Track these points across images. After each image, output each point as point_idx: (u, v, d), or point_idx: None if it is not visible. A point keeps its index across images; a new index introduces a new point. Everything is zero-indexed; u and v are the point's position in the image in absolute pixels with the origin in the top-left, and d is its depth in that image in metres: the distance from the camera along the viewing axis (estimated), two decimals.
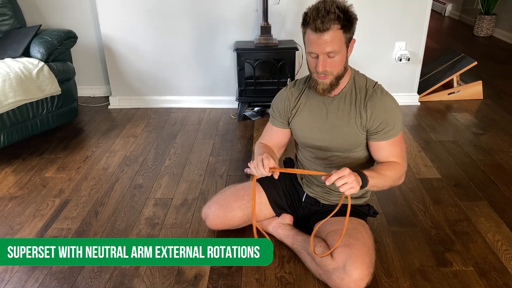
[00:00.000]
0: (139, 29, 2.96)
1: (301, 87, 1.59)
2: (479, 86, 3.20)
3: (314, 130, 1.55)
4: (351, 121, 1.49)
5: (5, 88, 2.25)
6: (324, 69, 1.37)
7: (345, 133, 1.51)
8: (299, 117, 1.57)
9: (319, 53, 1.35)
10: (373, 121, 1.46)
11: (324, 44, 1.33)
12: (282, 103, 1.61)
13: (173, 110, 3.14)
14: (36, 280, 1.58)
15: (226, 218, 1.70)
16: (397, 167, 1.49)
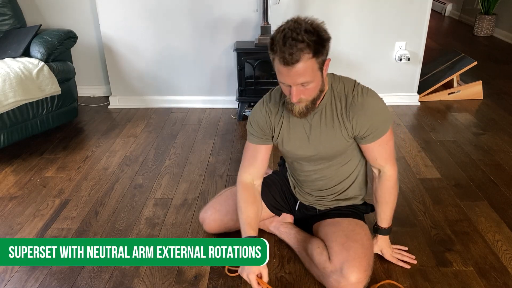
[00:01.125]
0: (139, 29, 2.96)
1: (278, 101, 1.49)
2: (479, 86, 3.20)
3: (300, 146, 1.50)
4: (337, 133, 1.44)
5: (5, 88, 2.25)
6: (298, 98, 1.29)
7: (332, 145, 1.46)
8: (282, 135, 1.50)
9: (291, 84, 1.26)
10: (360, 129, 1.41)
11: (296, 76, 1.23)
12: (263, 120, 1.50)
13: (173, 110, 3.14)
14: (36, 280, 1.58)
15: (223, 222, 1.70)
16: (389, 187, 1.51)
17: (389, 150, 1.48)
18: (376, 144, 1.44)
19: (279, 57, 1.21)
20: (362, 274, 1.38)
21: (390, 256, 1.62)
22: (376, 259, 1.64)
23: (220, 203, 1.72)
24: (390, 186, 1.52)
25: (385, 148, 1.46)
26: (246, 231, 1.46)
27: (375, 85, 3.19)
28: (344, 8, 2.86)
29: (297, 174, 1.63)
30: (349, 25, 2.91)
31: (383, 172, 1.51)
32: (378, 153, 1.47)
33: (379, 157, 1.48)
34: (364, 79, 3.20)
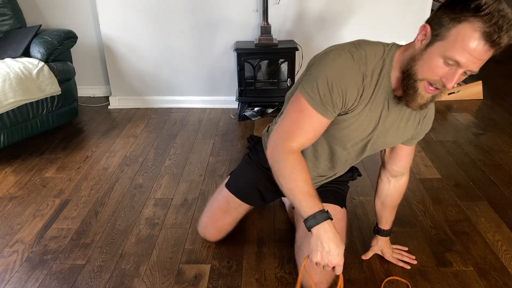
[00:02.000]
0: (139, 29, 2.96)
1: (372, 71, 1.15)
2: (479, 86, 3.20)
3: (362, 131, 1.26)
4: (407, 129, 1.29)
5: (5, 88, 2.25)
6: (451, 87, 1.02)
7: (392, 141, 1.32)
8: (357, 113, 1.20)
9: (464, 66, 0.98)
10: (423, 131, 1.35)
11: (479, 61, 0.97)
12: (349, 88, 1.13)
13: (173, 110, 3.14)
14: (36, 280, 1.58)
15: (224, 233, 1.70)
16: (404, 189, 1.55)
17: (412, 157, 1.48)
18: (412, 148, 1.42)
19: (488, 29, 0.92)
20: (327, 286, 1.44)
21: (390, 257, 1.62)
22: (376, 259, 1.64)
23: (218, 219, 1.67)
24: (403, 192, 1.55)
25: (413, 154, 1.46)
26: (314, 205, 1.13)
27: None
28: (344, 8, 2.86)
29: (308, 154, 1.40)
30: (349, 25, 2.91)
31: (401, 179, 1.52)
32: (410, 157, 1.44)
33: (409, 161, 1.45)
34: None
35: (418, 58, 1.04)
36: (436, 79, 1.03)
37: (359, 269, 1.59)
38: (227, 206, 1.64)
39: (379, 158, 1.57)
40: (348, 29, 2.91)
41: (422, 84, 1.06)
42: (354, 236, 1.77)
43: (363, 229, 1.81)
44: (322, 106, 1.14)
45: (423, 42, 1.03)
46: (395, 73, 1.13)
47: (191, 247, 1.73)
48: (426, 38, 1.03)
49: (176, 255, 1.69)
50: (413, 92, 1.07)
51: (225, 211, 1.65)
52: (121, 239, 1.79)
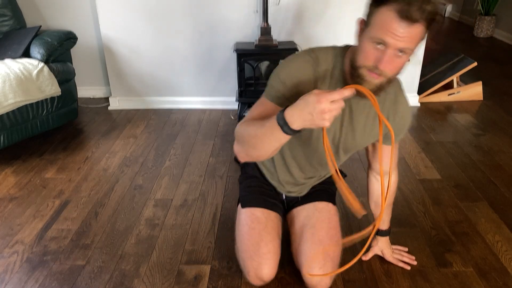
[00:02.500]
0: (139, 29, 2.97)
1: (324, 70, 1.23)
2: (479, 87, 3.20)
3: (330, 130, 1.31)
4: (375, 127, 1.33)
5: (5, 89, 2.26)
6: (385, 68, 1.07)
7: (363, 139, 1.35)
8: None
9: (391, 45, 1.03)
10: (398, 129, 1.35)
11: (404, 37, 1.02)
12: (302, 83, 1.20)
13: (173, 111, 3.14)
14: (36, 280, 1.58)
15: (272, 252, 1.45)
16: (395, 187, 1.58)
17: (397, 155, 1.53)
18: (394, 147, 1.38)
19: (397, 7, 1.00)
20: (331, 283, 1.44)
21: (390, 257, 1.62)
22: (376, 259, 1.64)
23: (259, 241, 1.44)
24: (394, 190, 1.58)
25: (396, 153, 1.46)
26: (267, 120, 1.11)
27: None
28: (344, 8, 2.86)
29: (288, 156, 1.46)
30: (349, 25, 2.91)
31: (387, 176, 1.49)
32: (394, 156, 1.40)
33: (392, 161, 1.42)
34: None
35: (356, 48, 1.14)
36: (371, 64, 1.08)
37: (359, 270, 1.60)
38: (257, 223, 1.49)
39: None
40: (348, 29, 2.91)
41: (364, 71, 1.11)
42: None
43: (363, 229, 1.81)
44: (277, 97, 1.21)
45: (358, 36, 1.14)
46: (348, 70, 1.19)
47: (191, 247, 1.73)
48: (360, 31, 1.14)
49: (176, 255, 1.69)
50: (360, 80, 1.12)
51: (259, 229, 1.47)
52: (121, 239, 1.79)
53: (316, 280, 1.39)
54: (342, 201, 2.01)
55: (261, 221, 1.49)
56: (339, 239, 1.49)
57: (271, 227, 1.49)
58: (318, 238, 1.44)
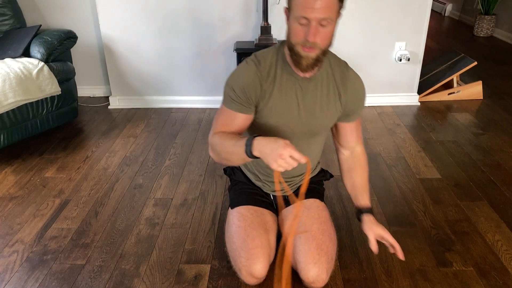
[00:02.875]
0: (139, 29, 2.96)
1: (269, 65, 1.37)
2: (479, 86, 3.20)
3: (288, 116, 1.41)
4: (331, 104, 1.41)
5: (5, 88, 2.26)
6: (314, 40, 1.20)
7: (324, 116, 1.43)
8: (270, 103, 1.38)
9: (312, 19, 1.18)
10: (352, 102, 1.44)
11: (320, 9, 1.16)
12: (250, 86, 1.35)
13: (173, 110, 3.14)
14: (36, 280, 1.58)
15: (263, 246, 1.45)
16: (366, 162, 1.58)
17: (361, 130, 1.58)
18: (356, 124, 1.52)
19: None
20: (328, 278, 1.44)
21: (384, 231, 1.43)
22: (376, 259, 1.64)
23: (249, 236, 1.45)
24: (365, 161, 1.58)
25: (360, 129, 1.56)
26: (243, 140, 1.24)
27: (375, 85, 3.21)
28: (344, 8, 2.86)
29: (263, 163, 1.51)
30: (349, 25, 2.91)
31: (355, 150, 1.57)
32: (356, 133, 1.54)
33: (356, 137, 1.55)
34: (364, 79, 3.20)
35: (288, 32, 1.29)
36: (301, 39, 1.23)
37: (359, 269, 1.60)
38: (243, 221, 1.51)
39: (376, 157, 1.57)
40: (348, 29, 2.91)
41: (299, 48, 1.25)
42: (354, 236, 1.78)
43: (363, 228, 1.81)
44: (233, 103, 1.37)
45: (287, 22, 1.28)
46: (287, 53, 1.34)
47: (191, 247, 1.73)
48: (287, 18, 1.28)
49: (176, 255, 1.69)
50: (298, 57, 1.27)
51: (245, 226, 1.49)
52: (121, 239, 1.79)
53: (313, 277, 1.40)
54: (342, 201, 2.01)
55: (247, 218, 1.51)
56: (331, 234, 1.50)
57: (257, 222, 1.50)
58: (310, 234, 1.45)
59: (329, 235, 1.48)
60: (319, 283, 1.41)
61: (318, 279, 1.40)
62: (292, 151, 1.13)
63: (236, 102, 1.36)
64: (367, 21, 2.90)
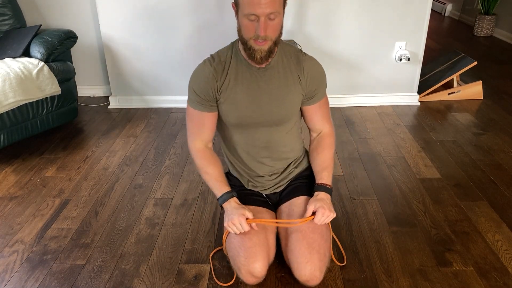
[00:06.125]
0: (139, 29, 2.96)
1: (224, 60, 1.46)
2: (479, 86, 3.20)
3: (250, 106, 1.46)
4: (291, 87, 1.47)
5: (5, 88, 2.26)
6: (265, 33, 1.29)
7: (287, 102, 1.48)
8: (230, 96, 1.45)
9: (260, 14, 1.27)
10: (311, 83, 1.48)
11: (267, 4, 1.25)
12: (207, 84, 1.44)
13: (173, 110, 3.14)
14: (36, 280, 1.58)
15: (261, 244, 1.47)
16: (330, 142, 1.60)
17: (328, 110, 1.61)
18: (321, 104, 1.56)
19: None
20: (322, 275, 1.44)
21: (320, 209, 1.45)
22: (376, 259, 1.64)
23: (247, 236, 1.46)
24: (330, 140, 1.61)
25: (326, 108, 1.59)
26: (222, 188, 1.51)
27: (375, 85, 3.21)
28: (344, 8, 2.86)
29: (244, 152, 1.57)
30: (349, 25, 2.91)
31: (322, 131, 1.61)
32: (322, 113, 1.58)
33: (323, 117, 1.58)
34: (364, 79, 3.21)
35: (239, 28, 1.36)
36: (253, 34, 1.31)
37: (359, 269, 1.60)
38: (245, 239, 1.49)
39: (376, 157, 1.57)
40: (348, 29, 2.91)
41: (252, 42, 1.34)
42: (354, 236, 1.78)
43: (363, 229, 1.82)
44: (197, 104, 1.48)
45: (236, 17, 1.36)
46: (241, 48, 1.42)
47: (191, 247, 1.73)
48: (236, 13, 1.35)
49: (176, 255, 1.69)
50: (252, 51, 1.35)
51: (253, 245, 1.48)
52: (121, 239, 1.79)
53: (307, 276, 1.41)
54: (342, 201, 2.01)
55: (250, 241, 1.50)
56: (322, 231, 1.48)
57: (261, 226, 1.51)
58: (300, 233, 1.46)
59: (320, 232, 1.47)
60: (314, 281, 1.43)
61: (312, 277, 1.41)
62: (243, 224, 1.42)
63: (198, 103, 1.48)
64: (367, 21, 2.90)
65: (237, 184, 1.68)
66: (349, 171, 2.26)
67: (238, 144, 1.58)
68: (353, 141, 2.59)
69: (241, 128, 1.53)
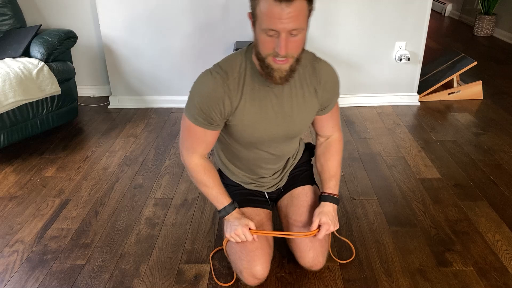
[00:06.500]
0: (139, 29, 2.96)
1: (238, 76, 1.29)
2: (479, 86, 3.20)
3: (265, 126, 1.36)
4: (308, 103, 1.37)
5: (5, 88, 2.25)
6: (286, 52, 1.13)
7: (302, 118, 1.39)
8: (245, 118, 1.33)
9: (281, 30, 1.09)
10: (327, 94, 1.40)
11: (289, 19, 1.07)
12: (218, 105, 1.28)
13: (173, 110, 3.14)
14: (36, 280, 1.58)
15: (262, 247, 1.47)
16: (338, 148, 1.55)
17: (338, 116, 1.55)
18: (333, 112, 1.49)
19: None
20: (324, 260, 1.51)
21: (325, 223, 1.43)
22: (376, 259, 1.64)
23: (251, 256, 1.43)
24: (339, 147, 1.56)
25: (337, 115, 1.53)
26: (223, 200, 1.46)
27: (375, 85, 3.21)
28: (344, 8, 2.86)
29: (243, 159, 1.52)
30: (349, 25, 2.91)
31: (331, 137, 1.56)
32: (333, 122, 1.52)
33: (335, 124, 1.53)
34: (364, 79, 3.21)
35: (256, 42, 1.20)
36: (271, 51, 1.15)
37: (359, 269, 1.60)
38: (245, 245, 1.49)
39: (376, 157, 1.57)
40: (348, 29, 2.91)
41: (270, 60, 1.17)
42: (354, 236, 1.78)
43: (363, 229, 1.82)
44: (201, 122, 1.33)
45: (253, 29, 1.19)
46: (257, 64, 1.25)
47: (191, 247, 1.73)
48: (252, 25, 1.18)
49: (176, 255, 1.69)
50: (270, 70, 1.19)
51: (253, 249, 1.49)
52: (121, 239, 1.79)
53: (310, 262, 1.48)
54: (342, 201, 2.01)
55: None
56: None
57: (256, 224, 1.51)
58: (300, 222, 1.51)
59: None
60: (317, 266, 1.50)
61: (316, 262, 1.49)
62: (247, 235, 1.39)
63: (203, 121, 1.33)
64: (367, 21, 2.90)
65: (232, 184, 1.63)
66: (349, 171, 2.26)
67: (244, 159, 1.52)
68: (353, 141, 2.59)
69: (251, 146, 1.45)
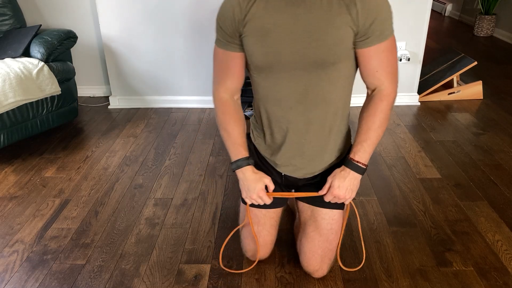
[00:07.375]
0: (139, 29, 2.96)
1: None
2: (479, 86, 3.20)
3: (282, 40, 1.15)
4: (336, 19, 1.12)
5: (5, 88, 2.26)
6: None
7: (329, 37, 1.13)
8: (256, 27, 1.17)
9: None
10: (366, 15, 1.11)
11: None
12: (232, 13, 1.19)
13: (173, 110, 3.14)
14: (36, 280, 1.58)
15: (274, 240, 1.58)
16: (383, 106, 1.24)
17: (393, 61, 1.21)
18: (380, 49, 1.17)
19: None
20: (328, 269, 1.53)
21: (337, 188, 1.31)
22: (376, 259, 1.64)
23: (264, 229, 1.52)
24: (387, 106, 1.25)
25: (388, 57, 1.20)
26: (239, 152, 1.35)
27: None
28: None
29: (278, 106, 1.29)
30: None
31: (379, 89, 1.25)
32: (380, 62, 1.19)
33: (381, 68, 1.20)
34: None
35: None
36: None
37: (359, 269, 1.60)
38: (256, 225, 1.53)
39: (376, 157, 1.56)
40: None
41: None
42: (354, 236, 1.78)
43: (363, 229, 1.82)
44: (221, 41, 1.27)
45: None
46: None
47: (191, 247, 1.73)
48: None
49: (176, 255, 1.69)
50: None
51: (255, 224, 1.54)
52: (121, 239, 1.79)
53: (314, 269, 1.50)
54: None
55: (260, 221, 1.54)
56: (338, 228, 1.48)
57: (265, 221, 1.54)
58: (317, 243, 1.48)
59: (336, 230, 1.48)
60: (319, 274, 1.52)
61: (318, 269, 1.50)
62: (264, 197, 1.36)
63: (222, 39, 1.26)
64: None
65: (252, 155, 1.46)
66: None
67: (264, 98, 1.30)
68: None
69: (269, 72, 1.23)
